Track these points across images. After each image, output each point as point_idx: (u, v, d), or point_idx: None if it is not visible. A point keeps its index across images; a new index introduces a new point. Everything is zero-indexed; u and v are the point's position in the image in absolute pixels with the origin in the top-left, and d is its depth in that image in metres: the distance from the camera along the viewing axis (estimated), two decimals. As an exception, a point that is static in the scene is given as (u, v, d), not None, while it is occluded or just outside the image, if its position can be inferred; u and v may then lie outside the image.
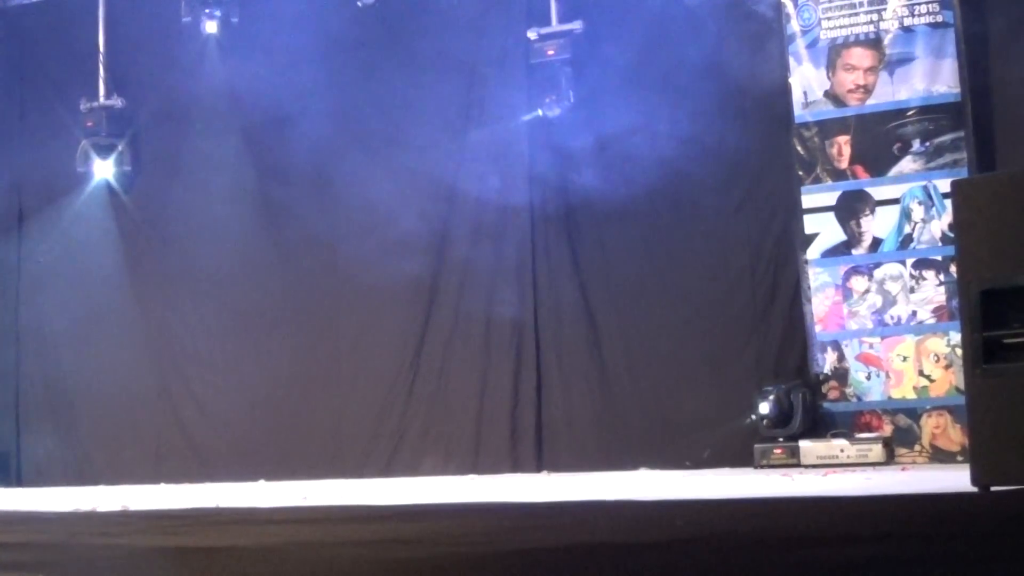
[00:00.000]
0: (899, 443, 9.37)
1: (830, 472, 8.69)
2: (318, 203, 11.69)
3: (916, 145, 9.60)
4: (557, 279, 10.82)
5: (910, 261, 9.57)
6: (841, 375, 9.67)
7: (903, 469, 8.87)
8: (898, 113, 9.67)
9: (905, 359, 9.49)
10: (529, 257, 10.90)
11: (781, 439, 9.50)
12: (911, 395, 9.46)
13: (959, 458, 8.87)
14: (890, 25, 9.73)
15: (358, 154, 11.57)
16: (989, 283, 5.80)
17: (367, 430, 11.25)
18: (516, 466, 10.64)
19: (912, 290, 9.54)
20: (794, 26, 10.03)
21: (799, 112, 9.97)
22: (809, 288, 9.83)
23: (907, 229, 9.59)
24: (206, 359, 12.01)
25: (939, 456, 9.26)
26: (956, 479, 6.32)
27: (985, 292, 5.82)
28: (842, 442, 9.31)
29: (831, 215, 9.83)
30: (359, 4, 11.22)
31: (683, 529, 4.53)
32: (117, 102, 12.27)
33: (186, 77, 12.15)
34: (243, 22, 11.80)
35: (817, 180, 9.89)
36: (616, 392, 10.50)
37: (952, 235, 6.37)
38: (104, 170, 12.25)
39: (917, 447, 9.35)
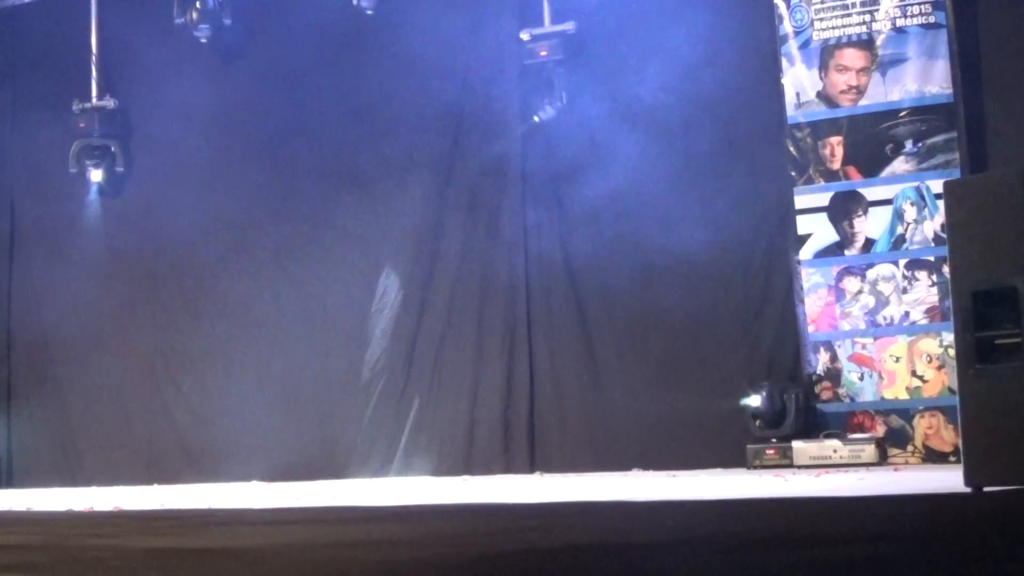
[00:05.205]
0: (892, 443, 9.38)
1: (823, 473, 8.69)
2: (311, 204, 11.69)
3: (908, 146, 9.61)
4: (549, 280, 10.82)
5: (903, 262, 9.59)
6: (834, 375, 9.68)
7: (896, 470, 8.88)
8: (890, 114, 9.69)
9: (898, 360, 9.50)
10: (521, 258, 10.91)
11: (774, 440, 9.51)
12: (904, 395, 9.47)
13: (952, 458, 8.88)
14: (882, 26, 9.74)
15: (351, 154, 11.59)
16: (981, 284, 5.80)
17: (360, 431, 11.24)
18: (509, 467, 10.64)
19: (905, 291, 9.56)
20: (786, 27, 10.04)
21: (791, 113, 9.98)
22: (802, 289, 9.84)
23: (900, 230, 9.61)
24: (198, 360, 12.00)
25: (932, 456, 9.28)
26: (949, 479, 6.32)
27: (977, 293, 5.81)
28: (835, 443, 9.31)
29: (824, 216, 9.84)
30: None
31: (675, 530, 4.53)
32: (109, 103, 12.27)
33: (179, 77, 12.14)
34: (235, 25, 11.79)
35: (810, 181, 9.90)
36: (609, 393, 10.50)
37: (944, 236, 6.37)
38: (96, 171, 12.23)
39: (910, 447, 9.36)
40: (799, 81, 9.99)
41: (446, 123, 11.25)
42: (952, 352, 7.43)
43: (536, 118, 10.76)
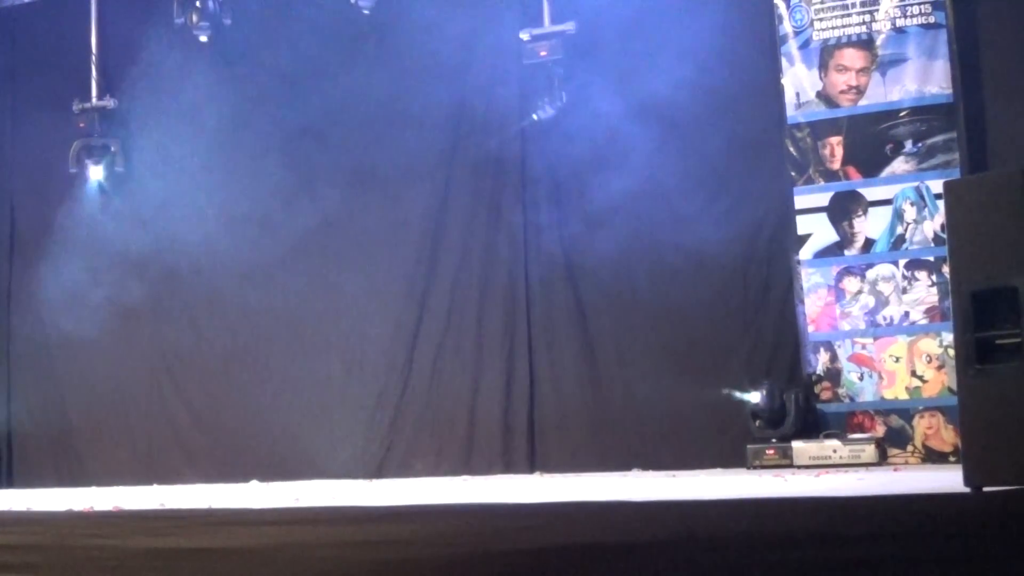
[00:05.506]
0: (892, 444, 9.38)
1: (823, 473, 8.69)
2: (310, 205, 11.68)
3: (908, 146, 9.62)
4: (549, 280, 10.82)
5: (902, 262, 9.59)
6: (834, 376, 9.68)
7: (896, 470, 8.88)
8: (890, 114, 9.69)
9: (897, 360, 9.50)
10: (521, 257, 10.91)
11: (774, 440, 9.50)
12: (903, 396, 9.47)
13: (951, 458, 8.89)
14: (882, 26, 9.74)
15: (351, 155, 11.59)
16: (981, 284, 5.80)
17: (360, 431, 11.25)
18: (509, 467, 10.64)
19: (904, 291, 9.56)
20: (786, 27, 10.04)
21: (791, 113, 9.98)
22: (802, 289, 9.84)
23: (899, 230, 9.61)
24: (198, 359, 11.99)
25: (931, 456, 9.28)
26: (948, 479, 6.33)
27: (977, 293, 5.82)
28: (835, 443, 9.32)
29: (823, 216, 9.84)
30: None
31: (675, 530, 4.52)
32: (109, 103, 12.26)
33: (179, 77, 12.14)
34: (236, 25, 11.78)
35: (809, 181, 9.90)
36: (608, 393, 10.50)
37: (944, 236, 6.38)
38: (97, 171, 12.23)
39: (910, 448, 9.36)
40: (799, 81, 9.99)
41: (446, 123, 11.25)
42: (952, 352, 7.43)
43: (535, 116, 10.77)
